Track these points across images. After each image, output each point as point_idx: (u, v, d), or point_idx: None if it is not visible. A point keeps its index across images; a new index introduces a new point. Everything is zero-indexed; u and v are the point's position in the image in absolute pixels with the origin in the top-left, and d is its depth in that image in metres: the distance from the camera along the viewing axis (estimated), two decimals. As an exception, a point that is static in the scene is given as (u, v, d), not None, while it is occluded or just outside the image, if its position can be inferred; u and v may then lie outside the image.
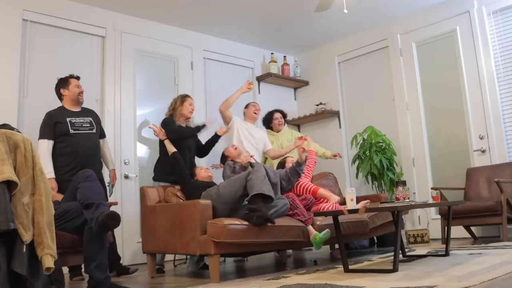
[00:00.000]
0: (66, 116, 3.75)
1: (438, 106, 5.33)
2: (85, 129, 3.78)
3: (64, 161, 3.64)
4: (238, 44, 6.06)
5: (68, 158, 3.65)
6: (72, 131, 3.70)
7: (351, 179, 5.88)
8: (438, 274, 2.48)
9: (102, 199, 2.61)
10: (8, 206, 1.90)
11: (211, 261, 3.02)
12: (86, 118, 3.84)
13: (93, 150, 3.83)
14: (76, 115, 3.81)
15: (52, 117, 3.70)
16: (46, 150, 3.62)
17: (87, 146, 3.74)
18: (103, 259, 2.58)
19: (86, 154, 3.71)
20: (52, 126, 3.67)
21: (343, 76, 6.23)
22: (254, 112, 4.74)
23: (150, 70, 5.24)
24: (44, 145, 3.63)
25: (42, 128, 3.71)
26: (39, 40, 4.44)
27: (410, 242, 4.74)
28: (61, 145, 3.68)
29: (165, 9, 4.99)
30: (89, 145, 3.77)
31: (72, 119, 3.75)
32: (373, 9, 5.36)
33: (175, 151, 3.83)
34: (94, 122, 3.88)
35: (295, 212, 3.46)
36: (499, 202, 4.14)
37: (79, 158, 3.66)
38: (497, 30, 4.92)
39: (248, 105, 4.85)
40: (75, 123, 3.74)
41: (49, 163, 3.60)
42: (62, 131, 3.68)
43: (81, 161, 3.63)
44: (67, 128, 3.69)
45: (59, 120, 3.69)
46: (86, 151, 3.72)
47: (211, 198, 3.30)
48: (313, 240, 3.35)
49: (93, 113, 3.99)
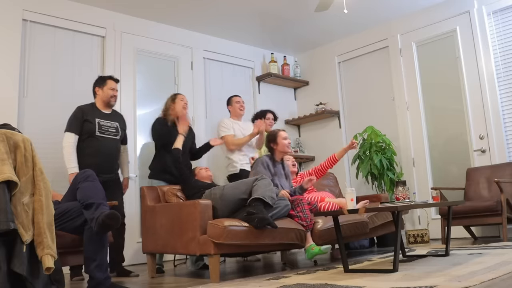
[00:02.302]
0: (96, 116, 3.75)
1: (438, 106, 5.33)
2: (110, 133, 3.79)
3: (84, 162, 3.63)
4: (238, 44, 6.06)
5: (88, 159, 3.65)
6: (98, 133, 3.71)
7: (351, 179, 5.88)
8: (438, 274, 2.48)
9: (102, 199, 2.61)
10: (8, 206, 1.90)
11: (211, 261, 3.02)
12: (114, 123, 3.85)
13: (114, 155, 3.84)
14: (105, 117, 3.82)
15: (83, 113, 3.71)
16: (72, 144, 3.63)
17: (109, 151, 3.76)
18: (103, 259, 2.58)
19: (106, 159, 3.73)
20: (81, 122, 3.68)
21: (343, 76, 6.23)
22: (240, 109, 4.66)
23: (150, 70, 5.24)
24: (70, 139, 3.64)
25: (70, 121, 3.70)
26: (39, 40, 4.44)
27: (410, 242, 4.74)
28: (83, 145, 3.68)
29: (165, 9, 4.99)
30: (111, 150, 3.79)
31: (100, 121, 3.75)
32: (373, 9, 5.36)
33: (177, 147, 3.76)
34: (120, 128, 3.90)
35: (299, 214, 3.44)
36: (499, 202, 4.14)
37: (99, 161, 3.66)
38: (497, 30, 4.92)
39: (231, 101, 4.73)
40: (102, 126, 3.75)
41: (73, 158, 3.61)
42: (89, 131, 3.68)
43: (100, 163, 3.64)
44: (94, 129, 3.69)
45: (89, 119, 3.70)
46: (106, 155, 3.74)
47: (214, 198, 3.30)
48: (309, 249, 3.33)
49: (121, 118, 3.99)
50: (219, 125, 4.57)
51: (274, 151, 3.87)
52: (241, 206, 3.29)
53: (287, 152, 3.88)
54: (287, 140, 3.87)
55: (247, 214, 3.10)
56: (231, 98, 4.77)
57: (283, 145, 3.83)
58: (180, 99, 4.13)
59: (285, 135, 3.87)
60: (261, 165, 3.71)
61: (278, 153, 3.86)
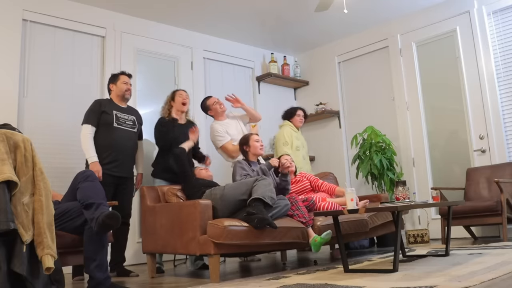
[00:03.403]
0: (113, 108, 3.81)
1: (438, 106, 5.33)
2: (127, 126, 3.84)
3: (102, 153, 3.66)
4: (238, 44, 6.06)
5: (106, 150, 3.68)
6: (116, 125, 3.75)
7: (351, 179, 5.88)
8: (438, 274, 2.48)
9: (102, 199, 2.61)
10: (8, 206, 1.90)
11: (211, 261, 3.02)
12: (131, 116, 3.91)
13: (131, 148, 3.88)
14: (122, 110, 3.88)
15: (101, 105, 3.76)
16: (89, 135, 3.66)
17: (126, 142, 3.80)
18: (103, 259, 2.58)
19: (124, 150, 3.77)
20: (99, 114, 3.72)
21: (343, 76, 6.23)
22: (220, 108, 4.36)
23: (150, 70, 5.24)
24: (87, 130, 3.66)
25: (87, 113, 3.74)
26: (39, 40, 4.44)
27: (410, 242, 4.74)
28: (102, 136, 3.71)
29: (165, 9, 4.99)
30: (128, 142, 3.83)
31: (118, 113, 3.81)
32: (373, 9, 5.36)
33: (182, 147, 3.78)
34: (137, 122, 3.95)
35: (295, 213, 3.46)
36: (499, 202, 4.14)
37: (117, 152, 3.71)
38: (497, 30, 4.92)
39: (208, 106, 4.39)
40: (120, 118, 3.81)
41: (92, 147, 3.63)
42: (107, 121, 3.72)
43: (118, 156, 3.69)
44: (112, 120, 3.74)
45: (106, 111, 3.74)
46: (124, 147, 3.78)
47: (215, 198, 3.30)
48: (313, 242, 3.34)
49: (137, 113, 4.05)
50: (213, 135, 4.32)
51: (247, 154, 3.98)
52: (241, 207, 3.28)
53: (259, 154, 3.99)
54: (259, 143, 3.99)
55: (247, 214, 3.10)
56: (206, 102, 4.41)
57: (255, 147, 3.95)
58: (178, 95, 4.16)
59: (256, 138, 4.01)
60: (240, 168, 3.77)
61: (251, 155, 3.98)
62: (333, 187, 4.18)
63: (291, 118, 5.11)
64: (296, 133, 5.04)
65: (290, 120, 5.11)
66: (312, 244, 3.35)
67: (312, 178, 4.26)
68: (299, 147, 4.95)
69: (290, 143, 4.89)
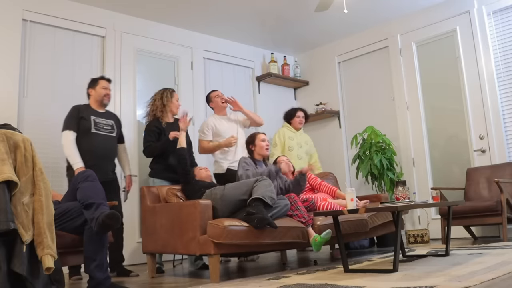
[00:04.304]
0: (91, 114, 3.79)
1: (438, 106, 5.33)
2: (106, 131, 3.82)
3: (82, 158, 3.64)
4: (238, 44, 6.06)
5: (85, 156, 3.67)
6: (94, 130, 3.74)
7: (351, 179, 5.88)
8: (438, 274, 2.48)
9: (102, 199, 2.61)
10: (8, 206, 1.90)
11: (211, 261, 3.02)
12: (109, 121, 3.89)
13: (111, 152, 3.87)
14: (100, 115, 3.86)
15: (79, 111, 3.75)
16: (71, 141, 3.65)
17: (105, 147, 3.79)
18: (103, 259, 2.58)
19: (103, 155, 3.75)
20: (77, 119, 3.71)
21: (343, 76, 6.23)
22: (222, 102, 4.44)
23: (150, 70, 5.24)
24: (69, 136, 3.66)
25: (67, 120, 3.73)
26: (39, 40, 4.44)
27: (410, 242, 4.74)
28: (81, 142, 3.70)
29: (165, 9, 4.99)
30: (108, 147, 3.82)
31: (96, 119, 3.79)
32: (373, 9, 5.36)
33: (182, 146, 3.76)
34: (116, 126, 3.93)
35: (295, 213, 3.46)
36: (499, 202, 4.14)
37: (96, 157, 3.69)
38: (497, 30, 4.92)
39: (210, 97, 4.51)
40: (98, 123, 3.79)
41: (76, 153, 3.62)
42: (85, 128, 3.72)
43: (97, 161, 3.66)
44: (89, 126, 3.73)
45: (84, 116, 3.74)
46: (103, 152, 3.77)
47: (215, 198, 3.30)
48: (313, 242, 3.34)
49: (116, 117, 4.03)
50: (203, 127, 4.40)
51: (252, 153, 3.97)
52: (242, 207, 3.28)
53: (264, 154, 3.97)
54: (265, 143, 3.97)
55: (247, 214, 3.10)
56: (210, 94, 4.55)
57: (260, 146, 3.93)
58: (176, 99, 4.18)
59: (263, 137, 3.99)
60: (244, 163, 3.78)
61: (256, 155, 3.96)
62: (334, 189, 4.17)
63: (291, 120, 5.13)
64: (293, 134, 5.06)
65: (290, 121, 5.13)
66: (312, 243, 3.35)
67: (311, 177, 4.26)
68: (293, 147, 4.95)
69: (280, 144, 4.97)
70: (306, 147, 5.11)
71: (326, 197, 3.96)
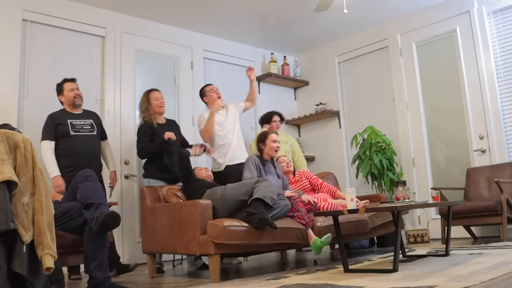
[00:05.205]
0: (67, 118, 3.80)
1: (438, 106, 5.33)
2: (85, 131, 3.83)
3: (65, 162, 3.70)
4: (238, 44, 6.06)
5: (69, 159, 3.70)
6: (72, 133, 3.75)
7: (351, 179, 5.88)
8: (438, 274, 2.48)
9: (102, 199, 2.61)
10: (8, 206, 1.90)
11: (211, 261, 3.02)
12: (87, 120, 3.89)
13: (94, 151, 3.87)
14: (77, 117, 3.86)
15: (54, 119, 3.76)
16: (49, 150, 3.69)
17: (87, 147, 3.80)
18: (103, 259, 2.58)
19: (86, 156, 3.76)
20: (54, 127, 3.73)
21: (343, 76, 6.23)
22: (218, 96, 4.34)
23: (150, 70, 5.24)
24: (46, 145, 3.70)
25: (44, 129, 3.77)
26: (39, 40, 4.44)
27: (410, 242, 4.74)
28: (61, 146, 3.73)
29: (165, 9, 4.99)
30: (89, 146, 3.82)
31: (73, 121, 3.80)
32: (373, 9, 5.36)
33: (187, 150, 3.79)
34: (95, 125, 3.93)
35: (295, 214, 3.45)
36: (499, 202, 4.14)
37: (80, 159, 3.70)
38: (497, 30, 4.92)
39: (205, 91, 4.39)
40: (75, 125, 3.80)
41: (53, 162, 3.66)
42: (63, 132, 3.73)
43: (82, 162, 3.66)
44: (67, 130, 3.74)
45: (60, 122, 3.75)
46: (86, 152, 3.77)
47: (215, 198, 3.30)
48: (313, 245, 3.33)
49: (95, 115, 4.03)
50: (199, 120, 4.35)
51: (262, 152, 3.93)
52: (242, 207, 3.28)
53: (273, 155, 3.93)
54: (276, 144, 3.90)
55: (247, 214, 3.10)
56: (204, 88, 4.44)
57: (270, 147, 3.89)
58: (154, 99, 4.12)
59: (274, 138, 3.91)
60: (251, 164, 3.75)
61: (265, 155, 3.92)
62: (334, 189, 4.16)
63: (268, 125, 4.97)
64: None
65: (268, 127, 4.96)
66: (312, 246, 3.34)
67: (312, 177, 4.25)
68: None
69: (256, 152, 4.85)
70: (285, 146, 4.98)
71: (327, 197, 3.96)
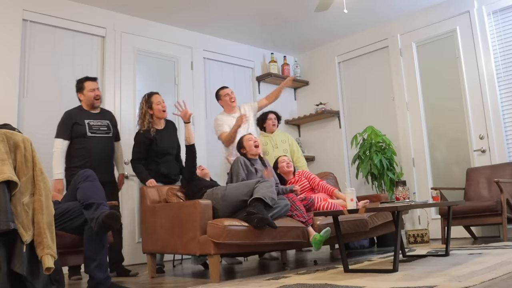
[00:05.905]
0: (85, 117, 3.76)
1: (438, 106, 5.33)
2: (102, 132, 3.80)
3: (78, 162, 3.65)
4: (238, 44, 6.06)
5: (82, 160, 3.66)
6: (89, 134, 3.72)
7: (351, 179, 5.88)
8: (438, 274, 2.48)
9: (102, 199, 2.61)
10: (8, 206, 1.90)
11: (211, 261, 3.02)
12: (104, 121, 3.85)
13: (108, 153, 3.85)
14: (95, 117, 3.82)
15: (72, 117, 3.71)
16: (60, 149, 3.65)
17: (102, 149, 3.77)
18: (103, 259, 2.58)
19: (100, 157, 3.73)
20: (70, 126, 3.69)
21: (343, 76, 6.23)
22: (231, 101, 4.44)
23: (150, 70, 5.24)
24: (59, 144, 3.65)
25: (59, 126, 3.71)
26: (39, 40, 4.44)
27: (410, 242, 4.74)
28: (77, 146, 3.69)
29: (165, 9, 4.99)
30: (104, 148, 3.80)
31: (90, 122, 3.76)
32: (373, 9, 5.36)
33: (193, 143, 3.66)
34: (111, 126, 3.90)
35: (294, 213, 3.46)
36: (499, 202, 4.14)
37: (93, 160, 3.66)
38: (497, 30, 4.92)
39: (220, 95, 4.49)
40: (93, 126, 3.76)
41: (60, 164, 3.62)
42: (80, 133, 3.69)
43: (95, 163, 3.62)
44: (84, 131, 3.70)
45: (78, 122, 3.71)
46: (100, 154, 3.75)
47: (216, 198, 3.30)
48: (313, 240, 3.34)
49: (111, 115, 3.99)
50: (215, 123, 4.43)
51: (246, 155, 3.96)
52: (242, 207, 3.28)
53: (256, 152, 3.96)
54: (252, 140, 3.97)
55: (247, 214, 3.10)
56: (219, 92, 4.51)
57: (249, 146, 3.94)
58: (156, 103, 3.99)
59: (249, 137, 4.00)
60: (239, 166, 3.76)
61: (249, 156, 3.96)
62: (332, 189, 4.15)
63: (264, 124, 4.95)
64: (266, 138, 4.86)
65: (263, 126, 4.96)
66: (312, 242, 3.35)
67: (311, 177, 4.25)
68: (267, 151, 4.76)
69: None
70: (283, 145, 4.91)
71: (326, 197, 3.96)
